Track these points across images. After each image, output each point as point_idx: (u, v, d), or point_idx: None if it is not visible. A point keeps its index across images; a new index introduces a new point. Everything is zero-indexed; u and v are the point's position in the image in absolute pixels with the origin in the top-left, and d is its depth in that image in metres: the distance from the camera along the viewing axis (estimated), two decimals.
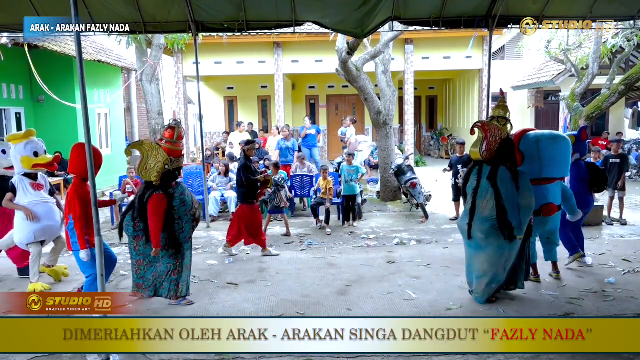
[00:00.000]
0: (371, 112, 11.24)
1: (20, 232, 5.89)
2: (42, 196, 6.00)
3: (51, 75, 12.14)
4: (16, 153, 5.94)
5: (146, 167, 5.20)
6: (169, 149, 5.26)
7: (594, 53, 11.26)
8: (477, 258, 5.38)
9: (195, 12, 7.36)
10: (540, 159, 5.68)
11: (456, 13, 7.54)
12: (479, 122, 5.42)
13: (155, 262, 5.30)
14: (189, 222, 5.33)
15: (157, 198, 5.12)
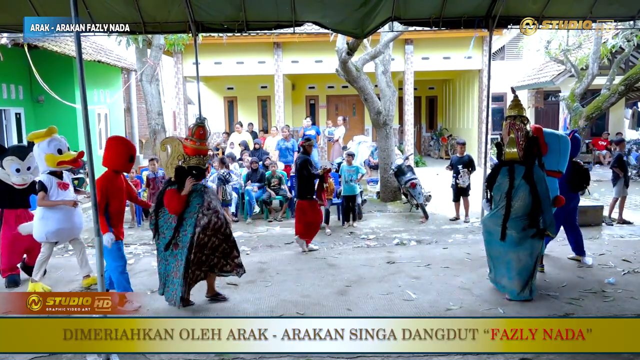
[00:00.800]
0: (371, 112, 11.24)
1: (35, 229, 5.87)
2: (68, 196, 5.92)
3: (51, 76, 12.14)
4: (40, 151, 5.85)
5: (172, 162, 5.23)
6: (187, 146, 5.23)
7: (593, 53, 11.27)
8: (514, 256, 5.40)
9: (195, 12, 7.35)
10: (560, 153, 5.97)
11: (456, 13, 7.53)
12: (511, 121, 5.46)
13: (164, 259, 5.24)
14: (191, 227, 5.09)
15: (168, 193, 5.12)
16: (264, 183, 10.36)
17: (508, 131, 5.46)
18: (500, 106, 19.41)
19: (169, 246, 5.15)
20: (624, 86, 10.35)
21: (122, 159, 5.29)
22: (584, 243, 6.85)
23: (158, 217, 5.24)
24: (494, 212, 5.58)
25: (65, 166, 5.93)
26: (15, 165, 6.20)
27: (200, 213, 5.10)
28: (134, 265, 7.02)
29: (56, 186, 5.84)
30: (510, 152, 5.43)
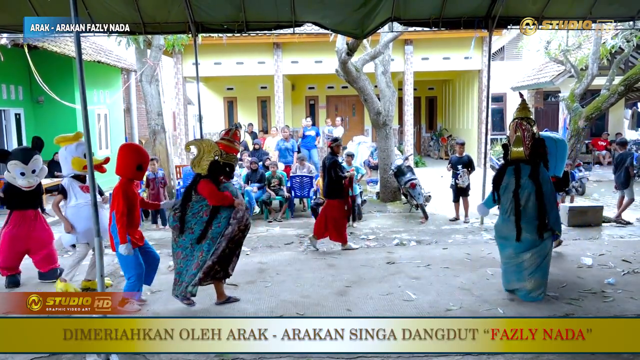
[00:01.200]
0: (371, 112, 11.24)
1: (65, 237, 5.88)
2: (89, 199, 5.80)
3: (51, 76, 12.15)
4: (67, 154, 5.88)
5: (200, 161, 5.21)
6: (223, 144, 5.28)
7: (593, 54, 11.27)
8: (527, 257, 5.41)
9: (194, 12, 7.36)
10: (557, 157, 6.02)
11: (456, 14, 7.54)
12: (518, 121, 5.49)
13: (190, 255, 5.19)
14: (226, 220, 5.17)
15: (204, 181, 5.13)
16: (263, 183, 10.36)
17: (514, 130, 5.48)
18: (500, 106, 19.43)
19: (201, 239, 5.13)
20: (623, 86, 10.35)
21: (131, 167, 5.23)
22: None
23: (185, 212, 5.19)
24: (505, 216, 5.57)
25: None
26: (19, 169, 6.20)
27: (239, 210, 5.20)
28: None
29: (78, 189, 5.87)
30: (516, 151, 5.45)
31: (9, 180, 6.23)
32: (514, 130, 5.49)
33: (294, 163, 11.53)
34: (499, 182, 5.61)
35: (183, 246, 5.23)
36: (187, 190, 5.28)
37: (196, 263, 5.14)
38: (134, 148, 5.52)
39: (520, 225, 5.39)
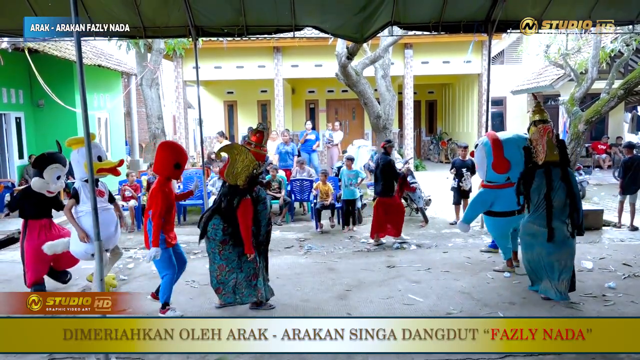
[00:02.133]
0: (371, 116, 11.26)
1: (79, 243, 5.57)
2: (103, 203, 5.67)
3: (51, 80, 12.16)
4: (79, 157, 5.59)
5: (233, 170, 5.04)
6: (257, 152, 5.12)
7: (593, 57, 11.29)
8: (558, 257, 5.48)
9: (195, 16, 7.38)
10: (520, 164, 5.90)
11: (455, 18, 7.56)
12: (544, 126, 5.59)
13: (237, 268, 5.14)
14: (265, 226, 5.23)
15: (246, 204, 4.99)
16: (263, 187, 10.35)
17: (544, 134, 5.53)
18: (500, 110, 19.44)
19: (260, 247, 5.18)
20: (623, 90, 10.36)
21: (168, 166, 5.12)
22: None
23: (236, 226, 5.05)
24: (535, 214, 5.59)
25: (104, 174, 5.71)
26: (58, 172, 5.97)
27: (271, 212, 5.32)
28: (133, 269, 7.01)
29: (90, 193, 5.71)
30: (552, 154, 5.51)
31: (36, 188, 5.92)
32: (544, 134, 5.54)
33: (294, 167, 11.54)
34: (529, 185, 5.59)
35: (229, 259, 5.14)
36: (229, 203, 5.07)
37: (253, 276, 5.14)
38: (173, 146, 5.39)
39: (552, 227, 5.45)
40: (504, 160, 6.11)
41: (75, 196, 5.57)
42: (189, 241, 8.30)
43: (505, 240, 6.60)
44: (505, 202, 6.31)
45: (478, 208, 6.61)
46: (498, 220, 6.52)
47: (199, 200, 10.30)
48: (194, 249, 8.03)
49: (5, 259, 8.05)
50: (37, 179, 5.89)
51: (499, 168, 6.19)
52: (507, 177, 6.26)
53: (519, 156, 5.85)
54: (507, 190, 6.16)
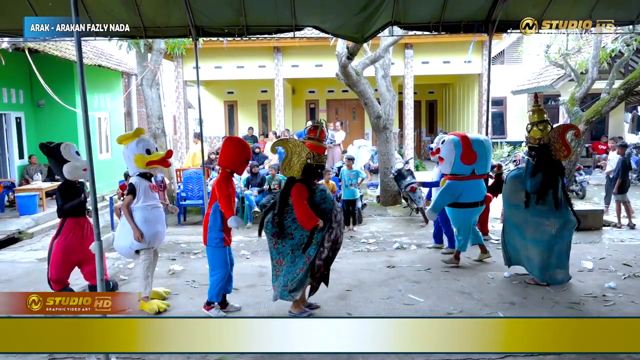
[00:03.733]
0: (371, 116, 11.25)
1: (130, 238, 5.44)
2: (157, 199, 5.64)
3: (52, 80, 12.17)
4: (129, 153, 5.53)
5: (290, 164, 5.10)
6: (312, 144, 5.13)
7: (593, 57, 11.29)
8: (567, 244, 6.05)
9: (195, 16, 7.37)
10: (486, 158, 6.68)
11: (456, 18, 7.55)
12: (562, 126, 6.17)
13: (291, 262, 5.07)
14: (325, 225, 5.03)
15: (297, 186, 4.99)
16: (264, 187, 10.37)
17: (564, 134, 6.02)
18: (500, 110, 19.44)
19: (307, 248, 5.01)
20: (623, 90, 10.36)
21: (239, 160, 5.18)
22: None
23: (284, 217, 5.04)
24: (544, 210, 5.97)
25: (154, 166, 5.64)
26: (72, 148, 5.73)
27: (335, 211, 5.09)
28: (133, 269, 7.01)
29: (147, 189, 5.52)
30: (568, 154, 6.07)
31: (72, 175, 5.67)
32: (564, 134, 6.02)
33: None
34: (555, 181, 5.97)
35: (284, 252, 5.11)
36: (283, 194, 5.09)
37: (300, 269, 5.02)
38: (243, 142, 5.37)
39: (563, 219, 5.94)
40: (473, 152, 6.54)
41: (132, 192, 5.43)
42: (189, 241, 8.31)
43: (468, 231, 6.90)
44: (471, 194, 6.69)
45: (446, 198, 6.77)
46: (465, 211, 6.79)
47: (199, 200, 10.31)
48: (194, 249, 8.04)
49: (5, 259, 8.06)
50: (66, 165, 5.63)
51: (467, 159, 6.56)
52: (473, 170, 6.62)
53: (484, 150, 6.60)
54: (473, 182, 6.65)
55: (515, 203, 6.18)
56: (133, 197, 5.42)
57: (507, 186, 6.37)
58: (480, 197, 6.78)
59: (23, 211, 10.54)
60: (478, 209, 6.92)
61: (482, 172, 6.74)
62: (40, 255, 8.17)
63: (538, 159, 5.98)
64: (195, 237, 8.97)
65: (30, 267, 7.37)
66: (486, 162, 6.74)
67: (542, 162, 5.94)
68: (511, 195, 6.28)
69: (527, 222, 6.09)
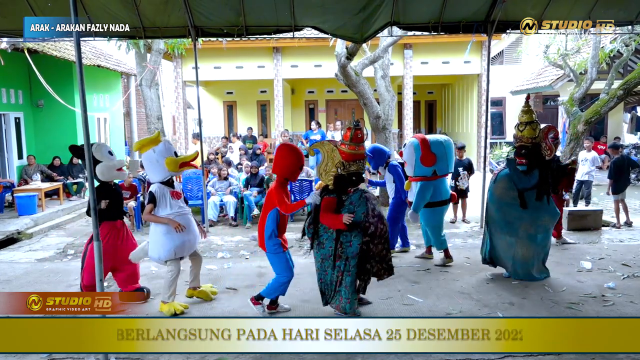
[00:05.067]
0: (370, 116, 11.25)
1: (159, 248, 5.24)
2: (181, 206, 5.37)
3: (51, 80, 12.17)
4: (157, 157, 5.23)
5: (326, 169, 4.97)
6: (344, 152, 4.92)
7: (592, 58, 11.30)
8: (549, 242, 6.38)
9: (194, 17, 7.39)
10: (447, 158, 6.82)
11: (455, 18, 7.57)
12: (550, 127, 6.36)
13: (322, 270, 5.03)
14: (358, 237, 4.87)
15: (325, 200, 4.89)
16: (263, 187, 10.37)
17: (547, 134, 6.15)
18: (499, 110, 19.46)
19: (335, 258, 4.90)
20: (622, 90, 10.37)
21: (294, 168, 5.03)
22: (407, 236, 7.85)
23: (318, 225, 4.96)
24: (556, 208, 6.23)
25: (187, 167, 5.47)
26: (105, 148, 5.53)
27: (367, 222, 4.86)
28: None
29: (169, 196, 5.28)
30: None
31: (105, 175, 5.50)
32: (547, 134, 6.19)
33: None
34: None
35: (316, 259, 5.11)
36: (318, 200, 5.00)
37: (337, 282, 4.97)
38: (297, 149, 5.17)
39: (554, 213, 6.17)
40: (431, 154, 6.68)
41: (152, 200, 5.20)
42: None
43: (440, 230, 7.02)
44: (439, 193, 6.85)
45: (425, 196, 6.84)
46: (435, 210, 6.93)
47: (198, 200, 10.30)
48: None
49: (5, 259, 8.05)
50: (98, 165, 5.41)
51: (426, 161, 6.71)
52: (434, 171, 6.76)
53: (443, 151, 6.75)
54: (439, 182, 6.82)
55: (507, 201, 6.22)
56: (154, 206, 5.20)
57: (498, 185, 6.37)
58: (447, 196, 6.97)
59: (22, 211, 10.53)
60: (446, 207, 7.12)
61: (444, 172, 6.90)
62: (39, 255, 8.17)
63: (531, 157, 6.08)
64: None
65: (30, 267, 7.37)
66: (447, 162, 6.88)
67: (537, 160, 6.08)
68: (502, 194, 6.29)
69: (521, 219, 6.13)
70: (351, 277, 4.93)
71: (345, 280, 4.94)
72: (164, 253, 5.24)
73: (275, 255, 5.07)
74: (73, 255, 8.12)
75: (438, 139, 6.98)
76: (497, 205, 6.35)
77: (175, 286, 5.36)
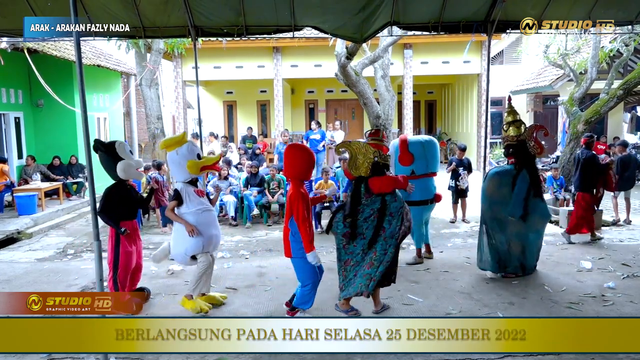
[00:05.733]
0: (370, 116, 11.25)
1: (184, 243, 5.28)
2: (205, 203, 5.44)
3: (51, 80, 12.17)
4: (180, 158, 5.29)
5: (356, 164, 5.06)
6: (376, 144, 5.26)
7: (592, 58, 11.30)
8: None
9: (194, 17, 7.37)
10: (426, 157, 6.94)
11: (455, 18, 7.55)
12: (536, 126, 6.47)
13: (362, 261, 5.07)
14: (398, 220, 5.03)
15: (373, 179, 4.99)
16: (263, 187, 10.37)
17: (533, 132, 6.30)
18: (499, 110, 19.45)
19: (373, 243, 5.01)
20: (622, 90, 10.37)
21: (306, 167, 5.00)
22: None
23: (356, 217, 5.03)
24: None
25: (208, 171, 5.46)
26: (127, 147, 5.51)
27: (405, 208, 5.13)
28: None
29: (193, 194, 5.35)
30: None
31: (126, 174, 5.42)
32: (535, 133, 6.33)
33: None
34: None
35: (354, 252, 5.10)
36: (354, 195, 5.07)
37: (370, 263, 5.01)
38: (306, 149, 5.17)
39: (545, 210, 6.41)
40: (409, 154, 6.85)
41: (177, 198, 5.29)
42: None
43: (420, 228, 7.10)
44: (419, 192, 6.77)
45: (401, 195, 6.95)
46: (414, 209, 6.84)
47: None
48: None
49: (4, 259, 8.05)
50: (120, 162, 5.35)
51: (404, 161, 6.88)
52: (412, 171, 6.87)
53: (421, 151, 6.89)
54: (419, 181, 6.80)
55: (498, 200, 6.29)
56: (178, 203, 5.29)
57: (489, 184, 6.45)
58: (429, 196, 7.02)
59: (22, 211, 10.53)
60: (428, 207, 7.15)
61: (422, 172, 6.94)
62: (39, 255, 8.17)
63: (518, 155, 6.23)
64: None
65: (29, 267, 7.37)
66: (426, 162, 6.96)
67: (524, 158, 6.21)
68: (494, 193, 6.36)
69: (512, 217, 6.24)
70: (388, 256, 5.03)
71: (376, 260, 5.02)
72: (190, 247, 5.27)
73: (302, 260, 4.98)
74: (73, 255, 8.12)
75: (419, 139, 7.11)
76: (488, 204, 6.45)
77: (202, 281, 5.38)
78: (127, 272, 5.44)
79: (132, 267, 5.50)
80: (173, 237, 5.45)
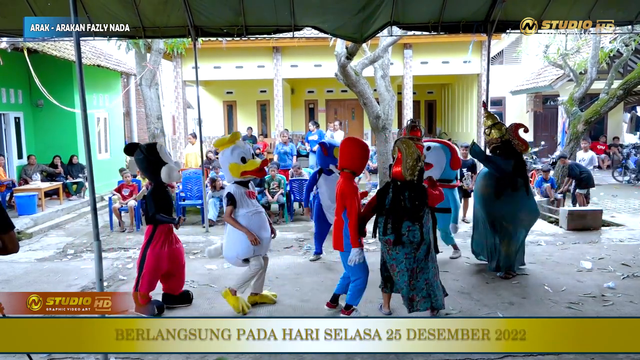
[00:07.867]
0: (370, 116, 11.25)
1: (238, 245, 5.25)
2: (257, 205, 5.41)
3: (50, 80, 12.16)
4: (223, 160, 5.32)
5: (406, 165, 4.77)
6: (420, 145, 4.94)
7: (592, 58, 11.30)
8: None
9: (194, 17, 7.38)
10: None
11: (455, 18, 7.56)
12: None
13: (405, 269, 4.83)
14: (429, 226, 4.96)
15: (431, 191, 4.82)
16: (263, 187, 10.37)
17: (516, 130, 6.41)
18: (500, 110, 19.46)
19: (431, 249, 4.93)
20: (622, 90, 10.37)
21: (362, 162, 4.96)
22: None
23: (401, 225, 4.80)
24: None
25: (249, 176, 5.37)
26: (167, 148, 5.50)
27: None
28: (132, 269, 7.00)
29: (245, 196, 5.30)
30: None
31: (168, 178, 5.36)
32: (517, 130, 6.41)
33: (292, 170, 11.51)
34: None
35: (397, 259, 4.86)
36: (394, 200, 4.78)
37: (435, 276, 4.93)
38: (362, 142, 5.10)
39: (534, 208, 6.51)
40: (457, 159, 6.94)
41: (232, 202, 5.23)
42: (187, 241, 8.29)
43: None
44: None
45: None
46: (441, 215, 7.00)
47: (198, 200, 10.30)
48: (193, 249, 8.03)
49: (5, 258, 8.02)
50: (165, 166, 5.30)
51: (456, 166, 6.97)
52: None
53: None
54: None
55: (487, 199, 6.42)
56: (234, 207, 5.24)
57: (479, 183, 6.57)
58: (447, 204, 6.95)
59: (22, 211, 10.53)
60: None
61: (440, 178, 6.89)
62: (39, 255, 8.16)
63: (505, 155, 6.32)
64: (194, 237, 8.97)
65: (29, 267, 7.37)
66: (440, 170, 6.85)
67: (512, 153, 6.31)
68: (483, 192, 6.48)
69: (502, 218, 6.30)
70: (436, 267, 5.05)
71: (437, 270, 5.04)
72: (242, 250, 5.24)
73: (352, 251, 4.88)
74: (73, 255, 8.12)
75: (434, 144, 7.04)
76: (480, 203, 6.57)
77: (251, 282, 5.37)
78: (155, 275, 5.33)
79: (164, 270, 5.35)
80: (226, 239, 5.40)
